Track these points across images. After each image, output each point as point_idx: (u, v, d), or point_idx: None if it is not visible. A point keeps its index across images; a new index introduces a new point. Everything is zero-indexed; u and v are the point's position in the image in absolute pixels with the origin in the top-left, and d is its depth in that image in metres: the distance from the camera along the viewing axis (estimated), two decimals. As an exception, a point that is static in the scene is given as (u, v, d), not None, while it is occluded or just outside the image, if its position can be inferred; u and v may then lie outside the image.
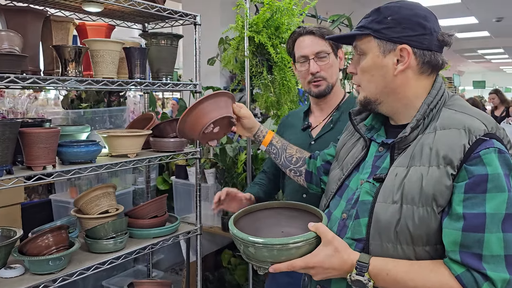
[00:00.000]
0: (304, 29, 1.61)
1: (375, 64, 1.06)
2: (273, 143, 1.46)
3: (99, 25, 1.80)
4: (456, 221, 0.93)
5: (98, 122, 2.95)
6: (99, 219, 1.78)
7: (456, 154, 0.95)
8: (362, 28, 1.07)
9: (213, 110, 1.33)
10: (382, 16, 1.04)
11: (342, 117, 1.63)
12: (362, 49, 1.08)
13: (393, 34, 1.03)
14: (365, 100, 1.12)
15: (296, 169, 1.47)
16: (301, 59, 1.59)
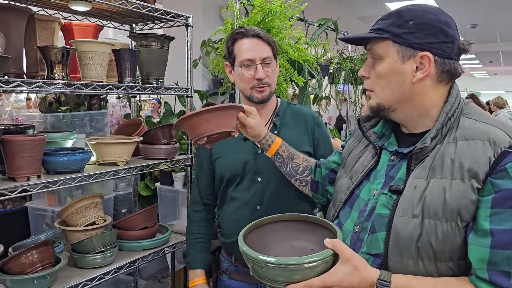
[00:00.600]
0: (249, 31, 1.51)
1: (392, 70, 1.01)
2: (279, 153, 1.39)
3: (87, 25, 1.69)
4: (483, 238, 0.89)
5: (78, 126, 2.81)
6: (86, 231, 1.67)
7: (481, 167, 0.91)
8: (380, 31, 1.01)
9: (210, 124, 1.24)
10: (403, 20, 0.98)
11: (284, 122, 1.60)
12: (379, 53, 1.02)
13: (415, 39, 0.97)
14: (378, 107, 1.07)
15: (302, 179, 1.41)
16: (246, 63, 1.50)
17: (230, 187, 1.61)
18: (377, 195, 1.06)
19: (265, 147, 1.38)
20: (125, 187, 3.08)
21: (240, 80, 1.56)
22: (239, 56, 1.52)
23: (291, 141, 1.53)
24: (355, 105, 3.74)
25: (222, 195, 1.66)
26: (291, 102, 1.70)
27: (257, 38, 1.51)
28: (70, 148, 1.64)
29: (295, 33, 2.46)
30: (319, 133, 1.62)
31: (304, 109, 1.67)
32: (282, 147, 1.39)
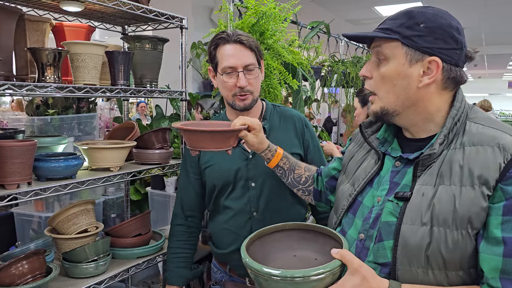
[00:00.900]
0: (231, 36, 1.45)
1: (398, 73, 0.98)
2: (280, 165, 1.35)
3: (79, 26, 1.64)
4: (495, 246, 0.87)
5: (66, 129, 2.75)
6: (78, 239, 1.62)
7: (492, 174, 0.89)
8: (388, 31, 0.98)
9: (209, 142, 1.21)
10: (413, 22, 0.95)
11: (272, 125, 1.56)
12: (386, 54, 0.99)
13: (425, 43, 0.95)
14: (382, 111, 1.04)
15: (304, 189, 1.38)
16: (228, 70, 1.45)
17: (222, 196, 1.56)
18: (381, 202, 1.03)
19: (268, 157, 1.34)
20: (115, 191, 3.02)
21: (222, 87, 1.50)
22: (221, 62, 1.46)
23: (282, 143, 1.48)
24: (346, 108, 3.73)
25: (213, 205, 1.60)
26: (276, 104, 1.66)
27: (239, 44, 1.45)
28: (61, 153, 1.58)
29: (289, 36, 2.44)
30: (308, 133, 1.60)
31: (291, 110, 1.64)
32: (283, 159, 1.35)
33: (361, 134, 1.18)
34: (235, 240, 1.53)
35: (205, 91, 4.27)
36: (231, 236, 1.55)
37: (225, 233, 1.56)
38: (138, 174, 1.67)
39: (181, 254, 1.66)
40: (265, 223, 1.49)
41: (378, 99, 1.04)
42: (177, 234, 1.67)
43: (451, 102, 1.02)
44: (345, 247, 0.98)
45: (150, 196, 2.85)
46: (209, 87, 4.27)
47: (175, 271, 1.65)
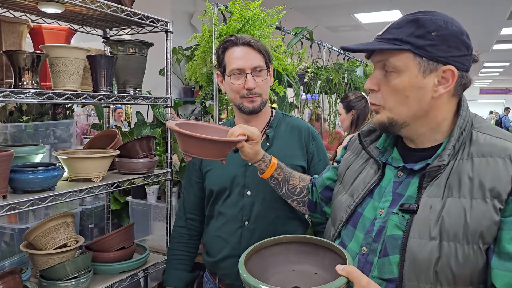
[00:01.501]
0: (240, 39, 1.44)
1: (412, 85, 0.93)
2: (274, 176, 1.30)
3: (59, 28, 1.55)
4: (508, 261, 0.84)
5: (41, 137, 2.62)
6: (57, 254, 1.52)
7: (504, 186, 0.86)
8: (397, 42, 0.92)
9: (205, 150, 1.16)
10: (424, 30, 0.91)
11: (277, 134, 1.53)
12: (397, 66, 0.93)
13: (439, 53, 0.90)
14: (390, 122, 0.99)
15: (299, 200, 1.33)
16: (236, 72, 1.43)
17: (218, 202, 1.53)
18: (384, 214, 0.99)
19: (262, 168, 1.29)
20: (93, 200, 2.90)
21: (229, 89, 1.48)
22: (229, 65, 1.45)
23: (283, 153, 1.45)
24: (329, 114, 3.72)
25: (210, 210, 1.57)
26: (286, 113, 1.62)
27: (248, 46, 1.43)
28: (39, 163, 1.49)
29: (275, 41, 2.40)
30: (314, 146, 1.55)
31: (299, 121, 1.60)
32: (277, 170, 1.30)
33: (360, 143, 1.13)
34: (224, 248, 1.50)
35: (185, 97, 4.20)
36: (221, 243, 1.51)
37: (216, 241, 1.53)
38: (122, 185, 1.59)
39: (180, 256, 1.64)
40: (255, 234, 1.46)
41: (385, 109, 0.99)
42: (178, 236, 1.66)
43: (456, 110, 0.99)
44: (349, 262, 0.93)
45: (131, 205, 2.75)
46: (190, 93, 4.20)
47: (173, 273, 1.62)
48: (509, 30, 7.52)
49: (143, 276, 1.74)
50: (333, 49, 4.14)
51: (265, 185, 1.41)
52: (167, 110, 1.82)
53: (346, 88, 3.77)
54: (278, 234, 1.10)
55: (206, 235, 1.60)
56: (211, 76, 2.39)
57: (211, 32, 2.31)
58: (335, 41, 5.27)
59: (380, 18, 6.39)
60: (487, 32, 7.70)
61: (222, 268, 1.52)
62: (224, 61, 1.46)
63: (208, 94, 2.46)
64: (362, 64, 4.34)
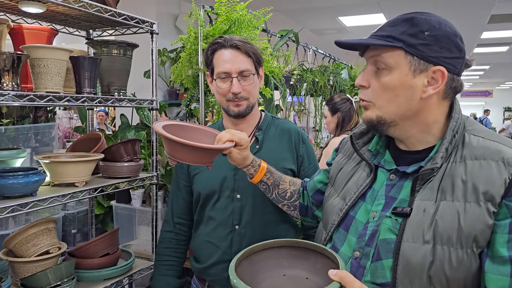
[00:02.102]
0: (227, 41, 1.41)
1: (402, 83, 0.92)
2: (263, 181, 1.28)
3: (40, 28, 1.50)
4: (501, 265, 0.83)
5: (22, 140, 2.56)
6: (38, 262, 1.47)
7: (497, 190, 0.85)
8: (390, 39, 0.92)
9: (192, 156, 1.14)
10: (417, 29, 0.90)
11: (266, 137, 1.52)
12: (388, 63, 0.93)
13: (430, 52, 0.90)
14: (378, 120, 0.98)
15: (290, 204, 1.31)
16: (222, 75, 1.42)
17: (207, 206, 1.49)
18: (377, 217, 0.98)
19: (251, 172, 1.27)
20: (75, 205, 2.84)
21: (216, 92, 1.46)
22: (216, 67, 1.43)
23: (273, 156, 1.44)
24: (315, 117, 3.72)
25: (199, 215, 1.54)
26: (276, 116, 1.60)
27: (235, 49, 1.41)
28: (20, 168, 1.44)
29: (261, 44, 2.38)
30: (304, 149, 1.54)
31: (289, 124, 1.58)
32: (267, 174, 1.28)
33: (351, 146, 1.12)
34: (214, 253, 1.47)
35: (170, 100, 4.15)
36: (211, 248, 1.48)
37: (206, 246, 1.49)
38: (106, 189, 1.55)
39: (168, 262, 1.59)
40: (246, 238, 1.43)
41: (374, 107, 0.98)
42: (165, 241, 1.61)
43: (448, 112, 0.98)
44: (342, 267, 0.91)
45: (115, 210, 2.69)
46: (175, 96, 4.15)
47: (161, 279, 1.58)
48: (489, 34, 7.67)
49: (128, 282, 1.70)
50: (319, 52, 4.14)
51: (255, 188, 1.39)
52: (153, 113, 1.79)
53: (331, 91, 3.78)
54: (269, 238, 1.07)
55: (194, 240, 1.56)
56: (196, 78, 2.36)
57: (197, 34, 2.28)
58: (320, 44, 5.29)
59: (364, 21, 6.45)
60: (468, 36, 7.83)
61: (212, 274, 1.48)
62: (212, 63, 1.44)
63: (193, 97, 2.43)
64: (347, 66, 4.36)
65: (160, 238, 1.64)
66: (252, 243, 1.06)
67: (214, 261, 1.47)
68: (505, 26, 7.03)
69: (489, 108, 17.95)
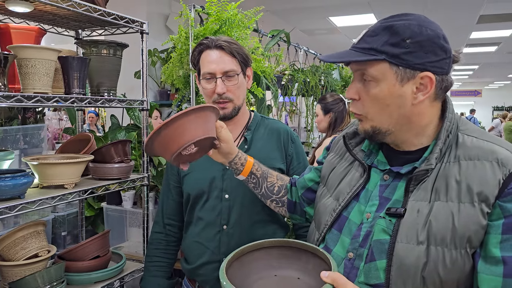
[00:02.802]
0: (212, 42, 1.41)
1: (391, 94, 0.91)
2: (253, 172, 1.27)
3: (28, 28, 1.48)
4: (494, 266, 0.83)
5: (10, 142, 2.52)
6: (27, 265, 1.44)
7: (491, 190, 0.85)
8: (373, 51, 0.90)
9: (198, 127, 1.08)
10: (399, 38, 0.88)
11: (255, 137, 1.52)
12: (374, 76, 0.92)
13: (415, 60, 0.88)
14: (374, 130, 0.97)
15: (278, 200, 1.30)
16: (207, 76, 1.42)
17: (197, 207, 1.49)
18: (371, 218, 0.97)
19: (238, 166, 1.25)
20: (65, 207, 2.80)
21: (202, 93, 1.46)
22: (202, 68, 1.43)
23: (262, 156, 1.43)
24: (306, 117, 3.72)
25: (188, 216, 1.53)
26: (265, 116, 1.59)
27: (220, 49, 1.40)
28: (8, 170, 1.41)
29: (252, 43, 2.37)
30: (293, 149, 1.53)
31: (278, 123, 1.58)
32: (255, 165, 1.27)
33: (344, 146, 1.11)
34: (203, 254, 1.46)
35: (161, 100, 4.13)
36: (200, 249, 1.47)
37: (195, 247, 1.49)
38: (96, 191, 1.53)
39: (158, 263, 1.58)
40: (235, 238, 1.43)
41: (367, 118, 0.97)
42: (155, 242, 1.60)
43: (441, 112, 0.98)
44: (334, 268, 0.90)
45: (106, 211, 2.67)
46: (166, 96, 4.13)
47: (152, 280, 1.56)
48: (478, 34, 7.73)
49: (119, 285, 1.68)
50: (310, 52, 4.15)
51: (244, 188, 1.38)
52: (143, 113, 1.77)
53: (322, 91, 3.78)
54: (257, 238, 1.06)
55: (184, 241, 1.56)
56: (187, 79, 2.35)
57: (187, 34, 2.27)
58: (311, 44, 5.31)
59: (355, 21, 6.47)
60: (457, 36, 7.90)
61: (202, 275, 1.48)
62: (199, 63, 1.44)
63: (184, 97, 2.41)
64: (338, 67, 4.37)
65: (150, 239, 1.63)
66: (240, 243, 1.05)
67: (203, 262, 1.46)
68: (494, 26, 7.10)
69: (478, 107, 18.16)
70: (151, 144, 1.08)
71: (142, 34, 1.73)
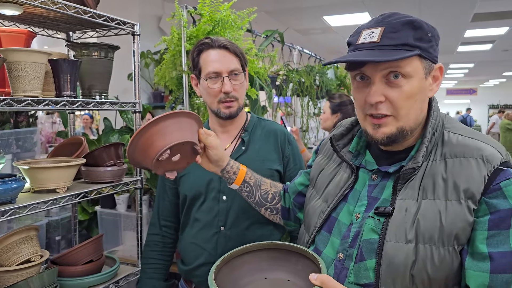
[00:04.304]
0: (216, 42, 1.42)
1: (419, 87, 0.92)
2: (246, 181, 1.26)
3: (18, 31, 1.46)
4: (481, 262, 0.83)
5: (3, 146, 2.50)
6: (20, 271, 1.42)
7: (477, 187, 0.85)
8: (407, 47, 0.88)
9: (172, 132, 1.07)
10: (423, 32, 0.90)
11: (252, 138, 1.52)
12: (407, 72, 0.89)
13: (435, 53, 0.93)
14: (400, 131, 0.93)
15: (272, 207, 1.29)
16: (212, 75, 1.41)
17: (194, 208, 1.49)
18: (361, 218, 0.97)
19: (230, 175, 1.24)
20: (59, 211, 2.79)
21: (206, 93, 1.44)
22: (204, 68, 1.41)
23: (259, 157, 1.43)
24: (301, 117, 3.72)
25: (185, 217, 1.52)
26: (262, 118, 1.59)
27: (224, 49, 1.41)
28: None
29: (246, 44, 2.36)
30: (289, 150, 1.53)
31: (275, 125, 1.58)
32: (248, 173, 1.26)
33: (332, 148, 1.11)
34: (200, 255, 1.46)
35: (155, 102, 4.11)
36: (197, 250, 1.47)
37: (192, 248, 1.48)
38: (88, 195, 1.51)
39: (155, 265, 1.59)
40: (232, 240, 1.42)
41: (394, 120, 0.93)
42: (152, 244, 1.61)
43: (427, 110, 0.98)
44: (323, 270, 0.89)
45: (100, 215, 2.65)
46: (159, 98, 4.11)
47: (148, 282, 1.57)
48: (472, 32, 7.77)
49: None
50: (304, 52, 4.14)
51: None
52: (135, 116, 1.76)
53: (317, 91, 3.78)
54: (254, 239, 1.06)
55: (181, 242, 1.55)
56: (181, 80, 2.33)
57: (180, 35, 2.26)
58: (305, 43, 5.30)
59: (349, 21, 6.48)
60: (452, 34, 7.93)
61: (198, 276, 1.48)
62: (199, 64, 1.43)
63: (178, 99, 2.40)
64: (333, 66, 4.37)
65: (146, 241, 1.62)
66: (237, 244, 1.04)
67: (200, 263, 1.46)
68: (488, 25, 7.13)
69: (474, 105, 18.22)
70: (132, 154, 1.09)
71: (133, 35, 1.72)
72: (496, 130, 12.49)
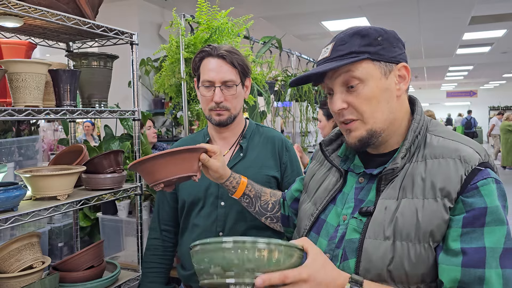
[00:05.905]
0: (214, 50, 1.44)
1: (379, 88, 0.95)
2: (246, 193, 1.29)
3: (18, 43, 1.50)
4: (454, 257, 0.86)
5: (5, 154, 2.54)
6: (22, 277, 1.45)
7: (454, 186, 0.88)
8: (354, 54, 0.94)
9: (167, 169, 1.13)
10: (371, 38, 0.95)
11: (250, 145, 1.54)
12: (361, 77, 0.95)
13: (390, 54, 0.96)
14: (369, 134, 0.97)
15: (272, 216, 1.32)
16: (206, 83, 1.44)
17: (192, 213, 1.51)
18: (347, 220, 1.00)
19: (230, 188, 1.27)
20: (61, 218, 2.81)
21: (200, 100, 1.50)
22: (202, 75, 1.45)
23: (257, 164, 1.45)
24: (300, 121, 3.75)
25: (184, 222, 1.55)
26: (260, 124, 1.62)
27: (221, 59, 1.43)
28: (0, 183, 1.42)
29: (243, 51, 2.40)
30: (287, 157, 1.55)
31: (273, 131, 1.60)
32: (249, 186, 1.29)
33: (321, 153, 1.15)
34: None
35: (155, 109, 4.15)
36: None
37: None
38: (89, 202, 1.54)
39: (155, 269, 1.60)
40: None
41: (361, 123, 0.97)
42: (152, 248, 1.62)
43: (411, 113, 1.02)
44: None
45: (101, 222, 2.68)
46: (160, 105, 4.16)
47: (149, 286, 1.59)
48: (471, 35, 7.80)
49: (115, 294, 1.69)
50: (302, 57, 4.18)
51: None
52: (135, 123, 1.79)
53: (316, 96, 3.81)
54: None
55: (180, 247, 1.58)
56: (179, 87, 2.37)
57: (178, 43, 2.29)
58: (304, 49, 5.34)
59: (348, 25, 6.46)
60: (451, 38, 7.97)
61: (198, 281, 1.49)
62: (199, 70, 1.47)
63: (177, 105, 2.43)
64: (331, 71, 4.40)
65: (147, 246, 1.65)
66: None
67: None
68: (486, 27, 7.16)
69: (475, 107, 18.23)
70: (134, 168, 1.15)
71: (132, 45, 1.75)
72: (497, 132, 12.49)
